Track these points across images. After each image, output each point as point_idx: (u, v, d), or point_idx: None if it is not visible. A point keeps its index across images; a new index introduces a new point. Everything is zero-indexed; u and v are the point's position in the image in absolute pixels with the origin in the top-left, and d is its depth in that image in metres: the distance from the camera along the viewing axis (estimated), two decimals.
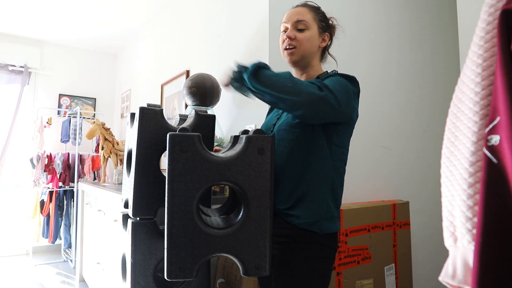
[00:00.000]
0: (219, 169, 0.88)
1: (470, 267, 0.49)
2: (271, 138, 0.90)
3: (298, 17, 1.07)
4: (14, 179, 3.88)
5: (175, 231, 0.86)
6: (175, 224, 0.86)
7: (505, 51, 0.45)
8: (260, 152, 0.88)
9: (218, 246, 0.88)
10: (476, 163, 0.49)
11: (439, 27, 2.40)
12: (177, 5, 2.88)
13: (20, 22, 3.53)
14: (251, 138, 0.89)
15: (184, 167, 0.87)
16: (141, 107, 1.15)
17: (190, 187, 0.87)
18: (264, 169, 0.89)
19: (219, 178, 0.88)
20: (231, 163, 0.89)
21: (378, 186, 1.99)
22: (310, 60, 1.10)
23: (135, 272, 1.14)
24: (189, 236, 0.87)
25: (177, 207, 0.87)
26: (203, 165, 0.87)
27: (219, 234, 0.88)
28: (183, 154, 0.87)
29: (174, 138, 0.87)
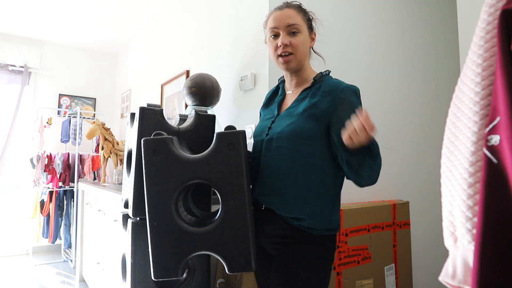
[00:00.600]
0: (192, 168, 0.89)
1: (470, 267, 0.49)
2: (240, 133, 0.91)
3: (289, 20, 1.02)
4: (14, 179, 3.88)
5: (155, 232, 0.88)
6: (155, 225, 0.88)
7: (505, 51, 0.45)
8: (230, 148, 0.89)
9: (200, 244, 0.88)
10: (476, 163, 0.49)
11: (439, 27, 2.40)
12: (177, 5, 2.88)
13: (20, 22, 3.53)
14: (221, 134, 0.91)
15: (158, 169, 0.89)
16: (141, 107, 1.15)
17: (166, 188, 0.88)
18: (236, 163, 0.89)
19: (193, 176, 0.89)
20: (204, 161, 0.90)
21: (378, 186, 1.98)
22: (304, 61, 1.09)
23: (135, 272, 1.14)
24: (169, 235, 0.88)
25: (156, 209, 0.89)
26: (176, 166, 0.89)
27: (199, 231, 0.89)
28: (156, 157, 0.89)
29: (147, 142, 0.90)
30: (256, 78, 1.78)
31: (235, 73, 1.97)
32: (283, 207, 1.01)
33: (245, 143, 0.91)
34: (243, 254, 0.88)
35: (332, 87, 1.02)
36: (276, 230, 1.02)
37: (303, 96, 1.06)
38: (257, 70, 1.78)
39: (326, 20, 1.21)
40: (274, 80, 1.68)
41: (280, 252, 1.01)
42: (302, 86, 1.10)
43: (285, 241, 1.01)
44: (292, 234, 1.00)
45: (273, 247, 1.03)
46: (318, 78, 1.07)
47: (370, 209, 1.69)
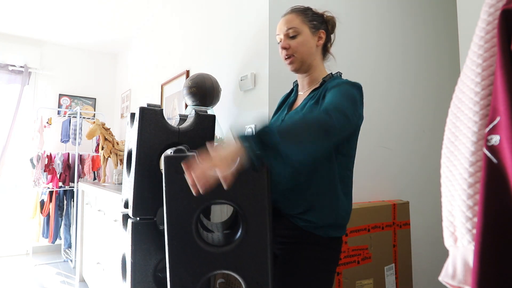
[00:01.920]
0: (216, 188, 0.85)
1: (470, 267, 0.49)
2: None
3: (287, 25, 1.08)
4: (14, 179, 3.88)
5: (175, 251, 0.87)
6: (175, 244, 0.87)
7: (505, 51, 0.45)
8: (255, 170, 0.88)
9: (219, 263, 0.88)
10: (476, 163, 0.49)
11: (439, 27, 2.40)
12: (177, 5, 2.88)
13: (20, 22, 3.53)
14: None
15: (180, 188, 0.87)
16: (141, 107, 1.15)
17: (187, 208, 0.87)
18: (261, 186, 0.88)
19: (215, 197, 0.88)
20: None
21: (378, 186, 1.99)
22: (310, 62, 1.10)
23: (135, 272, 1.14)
24: (189, 255, 0.88)
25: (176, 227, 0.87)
26: None
27: (219, 252, 0.88)
28: (179, 175, 0.86)
29: (169, 160, 0.88)
30: (256, 78, 1.78)
31: (235, 73, 1.97)
32: (287, 205, 1.02)
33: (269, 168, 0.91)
34: (262, 275, 0.89)
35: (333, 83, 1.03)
36: (281, 230, 1.02)
37: (312, 96, 1.08)
38: (257, 70, 1.78)
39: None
40: (274, 80, 1.68)
41: (284, 252, 1.02)
42: (313, 86, 1.12)
43: (289, 241, 1.01)
44: (297, 234, 1.00)
45: (278, 246, 1.04)
46: (328, 79, 1.09)
47: (370, 209, 1.69)
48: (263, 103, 1.70)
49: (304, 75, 1.13)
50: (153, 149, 1.17)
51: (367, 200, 1.89)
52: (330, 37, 1.15)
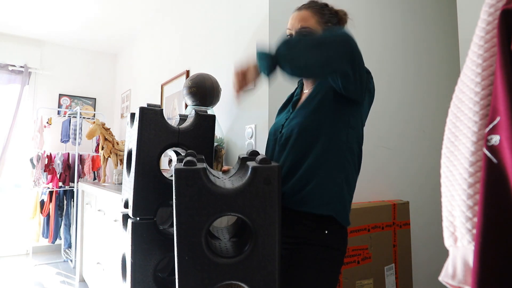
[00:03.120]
0: (225, 201, 0.88)
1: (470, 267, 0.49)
2: (277, 168, 0.90)
3: (301, 23, 1.04)
4: (14, 179, 3.88)
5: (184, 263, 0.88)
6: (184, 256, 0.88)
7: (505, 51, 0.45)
8: (266, 183, 0.88)
9: (227, 274, 0.89)
10: (476, 163, 0.49)
11: (439, 27, 2.40)
12: (177, 5, 2.88)
13: (20, 22, 3.53)
14: (257, 168, 0.89)
15: (191, 200, 0.87)
16: (141, 107, 1.15)
17: (197, 220, 0.87)
18: (271, 199, 0.89)
19: (226, 209, 0.88)
20: (238, 194, 0.89)
21: (378, 186, 1.99)
22: None
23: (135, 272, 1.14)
24: (198, 266, 0.88)
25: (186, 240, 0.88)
26: (209, 198, 0.88)
27: (228, 263, 0.89)
28: (189, 188, 0.87)
29: (180, 172, 0.87)
30: None
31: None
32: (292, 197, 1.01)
33: (280, 177, 0.91)
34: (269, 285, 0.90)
35: None
36: (286, 230, 1.02)
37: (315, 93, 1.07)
38: None
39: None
40: (274, 80, 1.68)
41: (289, 252, 1.01)
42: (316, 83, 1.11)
43: (294, 242, 1.00)
44: (302, 235, 0.99)
45: (282, 246, 1.03)
46: None
47: (370, 209, 1.69)
48: (263, 103, 1.70)
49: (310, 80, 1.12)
50: (153, 149, 1.17)
51: (367, 200, 1.89)
52: None
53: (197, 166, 0.89)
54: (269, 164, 0.90)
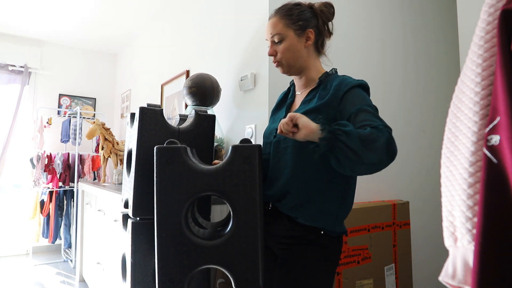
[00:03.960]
0: (205, 180, 0.87)
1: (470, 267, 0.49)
2: (257, 147, 0.89)
3: (271, 31, 1.06)
4: (14, 179, 3.88)
5: (164, 242, 0.87)
6: (164, 235, 0.87)
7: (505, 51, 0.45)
8: (246, 161, 0.88)
9: (208, 257, 0.87)
10: (476, 163, 0.49)
11: (439, 27, 2.40)
12: (177, 5, 2.88)
13: (20, 22, 3.53)
14: (237, 147, 0.89)
15: (171, 179, 0.87)
16: (141, 107, 1.15)
17: (177, 199, 0.87)
18: (251, 178, 0.88)
19: (205, 188, 0.88)
20: (218, 173, 0.88)
21: (378, 186, 1.99)
22: (301, 64, 1.07)
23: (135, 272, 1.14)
24: (178, 247, 0.87)
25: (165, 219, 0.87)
26: (189, 176, 0.87)
27: (208, 245, 0.87)
28: (169, 166, 0.87)
29: (160, 150, 0.88)
30: (256, 78, 1.78)
31: (235, 73, 1.97)
32: (290, 208, 1.01)
33: (261, 157, 0.90)
34: (251, 270, 0.87)
35: (337, 85, 1.01)
36: (282, 231, 1.02)
37: (310, 97, 1.06)
38: (257, 70, 1.78)
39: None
40: (274, 80, 1.68)
41: (285, 252, 1.01)
42: (310, 86, 1.10)
43: (290, 242, 1.00)
44: (298, 235, 0.99)
45: (279, 247, 1.04)
46: (324, 78, 1.07)
47: (370, 209, 1.69)
48: (263, 103, 1.70)
49: (298, 76, 1.11)
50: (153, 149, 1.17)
51: (367, 200, 1.89)
52: (322, 32, 1.09)
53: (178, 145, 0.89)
54: (249, 143, 0.90)
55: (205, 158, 1.25)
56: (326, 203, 0.99)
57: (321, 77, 1.08)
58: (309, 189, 0.99)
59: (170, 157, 0.87)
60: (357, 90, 0.99)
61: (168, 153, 0.88)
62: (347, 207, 1.04)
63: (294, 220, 1.00)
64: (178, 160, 0.87)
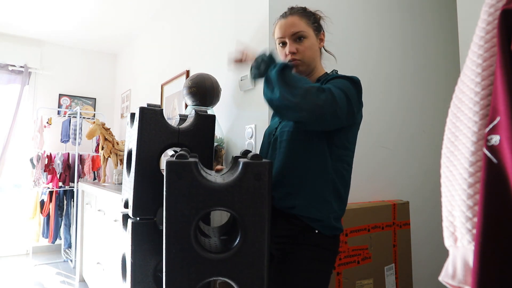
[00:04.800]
0: (216, 196, 0.88)
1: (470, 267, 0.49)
2: (268, 164, 0.90)
3: (293, 29, 1.05)
4: (14, 179, 3.88)
5: (172, 257, 0.87)
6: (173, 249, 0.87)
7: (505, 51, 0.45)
8: (257, 178, 0.88)
9: (215, 270, 0.89)
10: (476, 163, 0.49)
11: (439, 27, 2.40)
12: (177, 5, 2.88)
13: (20, 22, 3.53)
14: (248, 164, 0.89)
15: (181, 193, 0.87)
16: (141, 107, 1.15)
17: (187, 214, 0.87)
18: (261, 195, 0.89)
19: (216, 204, 0.88)
20: (228, 189, 0.89)
21: (378, 186, 1.99)
22: (315, 64, 1.10)
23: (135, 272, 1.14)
24: (186, 261, 0.88)
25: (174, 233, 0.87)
26: (199, 191, 0.88)
27: (216, 258, 0.89)
28: (180, 181, 0.87)
29: (171, 165, 0.87)
30: None
31: (235, 73, 1.97)
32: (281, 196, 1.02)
33: (271, 174, 0.91)
34: (257, 283, 0.89)
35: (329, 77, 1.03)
36: (278, 231, 1.02)
37: None
38: None
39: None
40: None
41: (281, 252, 1.01)
42: None
43: (285, 241, 1.01)
44: (293, 234, 1.00)
45: (275, 247, 1.04)
46: (322, 78, 1.09)
47: (370, 209, 1.69)
48: (263, 103, 1.70)
49: (307, 77, 1.11)
50: (153, 149, 1.17)
51: (367, 200, 1.89)
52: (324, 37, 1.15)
53: (189, 160, 0.89)
54: (260, 160, 0.90)
55: (205, 158, 1.25)
56: (318, 192, 0.99)
57: (320, 77, 1.10)
58: (300, 178, 1.00)
59: (181, 171, 0.87)
60: (342, 80, 0.98)
61: (178, 168, 0.87)
62: (340, 199, 1.03)
63: (290, 220, 1.00)
64: (189, 175, 0.88)
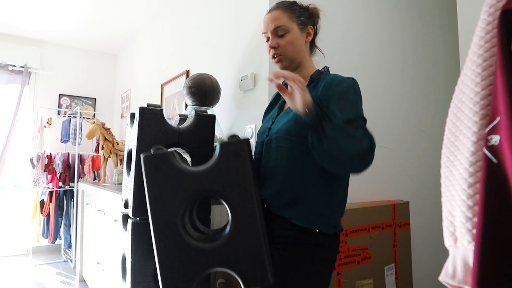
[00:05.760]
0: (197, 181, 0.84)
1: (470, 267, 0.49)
2: (245, 141, 0.87)
3: (274, 23, 1.04)
4: (14, 179, 3.88)
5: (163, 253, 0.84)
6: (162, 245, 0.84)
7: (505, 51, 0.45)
8: (236, 156, 0.84)
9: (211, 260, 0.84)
10: (476, 163, 0.49)
11: (439, 27, 2.40)
12: (177, 5, 2.88)
13: (20, 22, 3.53)
14: (224, 144, 0.87)
15: (161, 186, 0.85)
16: (141, 107, 1.15)
17: (171, 205, 0.84)
18: (243, 171, 0.85)
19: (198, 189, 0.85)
20: (209, 172, 0.85)
21: (378, 186, 1.99)
22: (300, 59, 1.08)
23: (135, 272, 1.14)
24: (178, 254, 0.83)
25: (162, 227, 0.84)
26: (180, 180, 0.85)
27: (210, 247, 0.84)
28: (158, 173, 0.85)
29: (147, 158, 0.86)
30: (256, 78, 1.78)
31: (235, 73, 1.97)
32: (282, 207, 1.01)
33: (250, 150, 0.87)
34: (259, 268, 0.83)
35: (327, 82, 1.00)
36: (277, 230, 1.02)
37: None
38: (257, 70, 1.78)
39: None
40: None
41: (281, 252, 1.01)
42: None
43: (285, 242, 1.00)
44: (293, 234, 0.99)
45: (274, 246, 1.04)
46: (316, 76, 1.07)
47: (370, 209, 1.69)
48: (263, 103, 1.70)
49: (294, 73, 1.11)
50: None
51: (367, 200, 1.89)
52: (316, 31, 1.12)
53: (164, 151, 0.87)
54: (237, 138, 0.87)
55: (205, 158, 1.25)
56: (317, 204, 0.99)
57: (312, 75, 1.08)
58: (300, 189, 0.99)
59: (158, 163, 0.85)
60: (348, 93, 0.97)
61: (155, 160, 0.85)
62: (339, 208, 1.03)
63: (288, 220, 1.00)
64: (167, 165, 0.85)
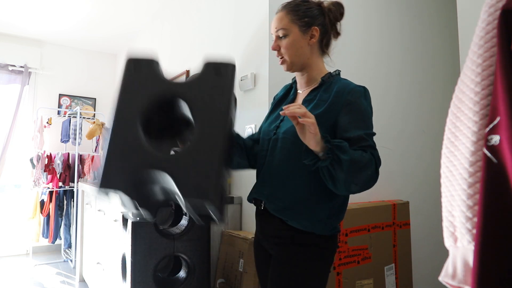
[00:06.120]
0: (171, 86, 0.83)
1: (470, 267, 0.49)
2: (231, 64, 0.85)
3: (276, 25, 1.04)
4: (14, 179, 3.88)
5: (113, 142, 0.81)
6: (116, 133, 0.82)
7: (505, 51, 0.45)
8: (217, 73, 0.83)
9: (154, 161, 0.78)
10: (476, 163, 0.49)
11: (439, 27, 2.40)
12: (177, 5, 2.88)
13: (20, 22, 3.53)
14: (209, 62, 0.85)
15: (135, 81, 0.84)
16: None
17: (138, 99, 0.83)
18: (221, 88, 0.81)
19: (170, 92, 0.83)
20: (187, 84, 0.84)
21: (378, 186, 1.98)
22: (303, 61, 1.06)
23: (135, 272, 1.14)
24: (126, 147, 0.80)
25: (120, 117, 0.83)
26: (155, 82, 0.84)
27: (162, 156, 0.80)
28: (136, 73, 0.85)
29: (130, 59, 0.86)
30: (256, 78, 1.78)
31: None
32: (280, 210, 1.01)
33: (234, 75, 0.84)
34: (204, 182, 0.76)
35: (339, 89, 1.00)
36: (274, 231, 1.02)
37: (311, 97, 1.05)
38: (257, 70, 1.78)
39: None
40: (274, 80, 1.68)
41: (278, 252, 1.01)
42: (311, 85, 1.08)
43: (283, 242, 1.00)
44: (290, 235, 0.99)
45: (272, 247, 1.03)
46: (327, 79, 1.06)
47: (370, 209, 1.69)
48: (263, 103, 1.70)
49: (301, 73, 1.09)
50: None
51: (367, 200, 1.89)
52: (328, 31, 1.08)
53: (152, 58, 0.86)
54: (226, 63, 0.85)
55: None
56: (316, 210, 0.98)
57: (323, 77, 1.06)
58: (300, 194, 0.99)
59: (140, 65, 0.85)
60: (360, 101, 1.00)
61: (138, 62, 0.85)
62: (339, 214, 1.03)
63: (285, 222, 1.00)
64: (147, 69, 0.85)
